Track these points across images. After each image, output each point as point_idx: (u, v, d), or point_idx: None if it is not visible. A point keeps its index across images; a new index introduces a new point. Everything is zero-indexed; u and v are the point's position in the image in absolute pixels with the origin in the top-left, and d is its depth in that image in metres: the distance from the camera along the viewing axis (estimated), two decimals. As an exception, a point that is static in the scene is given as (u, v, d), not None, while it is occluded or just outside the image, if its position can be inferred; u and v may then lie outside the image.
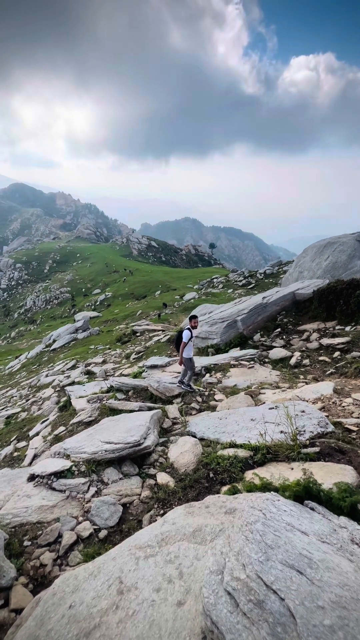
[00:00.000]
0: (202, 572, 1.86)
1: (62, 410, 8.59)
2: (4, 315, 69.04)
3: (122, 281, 60.28)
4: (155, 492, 3.59)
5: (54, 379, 13.98)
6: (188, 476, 3.63)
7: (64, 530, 3.12)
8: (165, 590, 1.86)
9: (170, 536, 2.25)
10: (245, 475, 3.39)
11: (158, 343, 15.40)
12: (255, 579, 1.66)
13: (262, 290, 22.83)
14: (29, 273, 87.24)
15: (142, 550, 2.21)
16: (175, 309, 29.41)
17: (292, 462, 3.35)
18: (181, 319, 20.88)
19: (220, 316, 12.62)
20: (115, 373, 12.15)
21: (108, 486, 3.79)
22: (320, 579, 1.64)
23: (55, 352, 24.93)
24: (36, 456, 6.53)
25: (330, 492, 2.49)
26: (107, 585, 2.00)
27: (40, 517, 3.28)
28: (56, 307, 63.50)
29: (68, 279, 74.74)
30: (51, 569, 2.76)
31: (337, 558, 1.80)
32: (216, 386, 7.43)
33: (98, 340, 23.92)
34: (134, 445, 4.17)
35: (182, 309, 27.68)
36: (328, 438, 3.68)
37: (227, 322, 11.77)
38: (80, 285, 69.26)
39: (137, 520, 3.28)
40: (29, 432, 8.36)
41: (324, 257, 17.55)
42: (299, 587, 1.60)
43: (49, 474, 3.91)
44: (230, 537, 2.01)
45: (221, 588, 1.68)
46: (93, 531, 3.13)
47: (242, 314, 11.88)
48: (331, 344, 8.99)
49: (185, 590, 1.82)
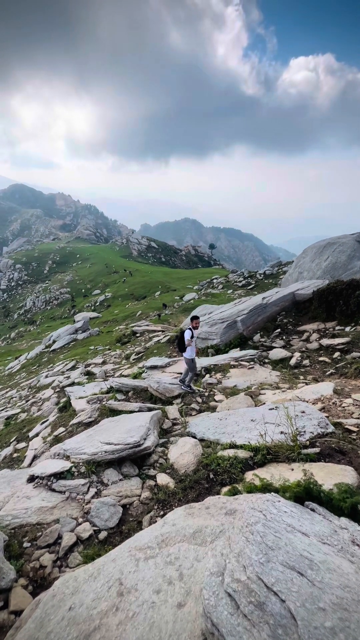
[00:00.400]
0: (203, 573, 1.85)
1: (62, 411, 8.57)
2: (3, 316, 69.00)
3: (122, 282, 60.28)
4: (155, 493, 3.58)
5: (54, 379, 13.96)
6: (188, 477, 3.62)
7: (64, 531, 3.11)
8: (165, 591, 1.85)
9: (171, 537, 2.24)
10: (246, 476, 3.38)
11: (158, 344, 15.38)
12: (256, 580, 1.65)
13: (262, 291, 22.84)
14: (29, 274, 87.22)
15: (142, 551, 2.20)
16: (175, 309, 29.41)
17: (292, 462, 3.34)
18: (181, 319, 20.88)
19: (220, 317, 12.62)
20: (115, 374, 12.14)
21: (108, 487, 3.78)
22: (321, 581, 1.63)
23: (55, 352, 24.90)
24: (36, 457, 6.52)
25: (330, 493, 2.48)
26: (107, 587, 1.99)
27: (40, 518, 3.27)
28: (56, 307, 63.46)
29: (68, 280, 74.73)
30: (51, 571, 2.74)
31: (338, 559, 1.80)
32: (216, 387, 7.43)
33: (98, 340, 23.90)
34: (133, 446, 4.16)
35: (181, 310, 27.67)
36: (328, 439, 3.68)
37: (227, 322, 11.76)
38: (80, 286, 69.26)
39: (137, 521, 3.27)
40: (29, 433, 8.35)
41: (323, 258, 17.56)
42: (300, 589, 1.59)
43: (49, 475, 3.89)
44: (231, 539, 2.00)
45: (222, 590, 1.67)
46: (93, 532, 3.12)
47: (242, 314, 11.88)
48: (331, 345, 8.99)
49: (185, 591, 1.81)
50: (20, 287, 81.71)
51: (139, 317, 30.17)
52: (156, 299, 40.61)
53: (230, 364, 8.93)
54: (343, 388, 5.87)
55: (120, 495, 3.62)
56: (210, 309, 16.14)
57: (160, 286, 48.64)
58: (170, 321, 22.96)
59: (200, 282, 43.87)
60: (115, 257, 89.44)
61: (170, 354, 13.01)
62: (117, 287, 58.08)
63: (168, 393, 6.97)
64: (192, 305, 26.85)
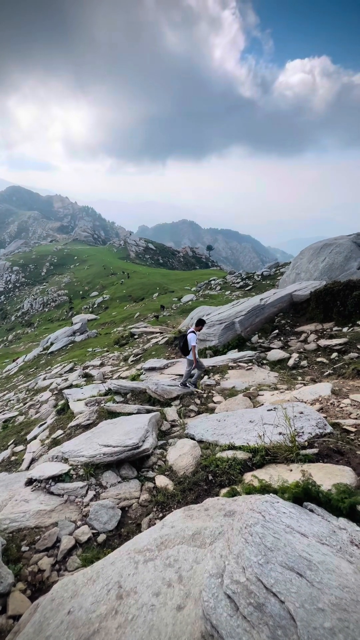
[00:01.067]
0: (202, 575, 1.85)
1: (60, 413, 8.55)
2: (1, 319, 68.72)
3: (120, 283, 60.24)
4: (154, 495, 3.57)
5: (52, 382, 13.91)
6: (187, 479, 3.61)
7: (62, 534, 3.10)
8: (164, 594, 1.84)
9: (170, 540, 2.24)
10: (244, 477, 3.38)
11: (156, 345, 15.38)
12: (255, 581, 1.66)
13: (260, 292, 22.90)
14: (26, 276, 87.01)
15: (141, 554, 2.20)
16: (173, 311, 29.42)
17: (291, 463, 3.35)
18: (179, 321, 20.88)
19: (218, 318, 12.64)
20: (114, 376, 12.11)
21: (106, 490, 3.76)
22: (320, 581, 1.64)
23: (53, 355, 24.83)
24: (34, 460, 6.49)
25: (329, 494, 2.49)
26: (106, 590, 1.99)
27: (38, 521, 3.26)
28: (53, 309, 63.28)
29: (65, 282, 74.60)
30: (49, 575, 2.73)
31: (336, 560, 1.80)
32: (214, 388, 7.43)
33: (96, 342, 23.87)
34: (132, 448, 4.15)
35: (179, 311, 27.69)
36: (326, 439, 3.69)
37: (225, 324, 11.79)
38: (78, 288, 69.13)
39: (136, 523, 3.26)
40: (27, 436, 8.31)
41: (320, 259, 17.64)
42: (299, 590, 1.59)
43: (47, 478, 3.88)
44: (230, 540, 2.00)
45: (221, 591, 1.67)
46: (92, 535, 3.11)
47: (239, 315, 11.90)
48: (329, 345, 9.02)
49: (184, 594, 1.81)
50: (17, 289, 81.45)
51: (137, 319, 30.15)
52: (154, 300, 40.62)
53: (229, 365, 8.94)
54: (341, 388, 5.90)
55: (119, 498, 3.61)
56: (208, 311, 16.16)
57: (158, 288, 48.67)
58: (169, 323, 22.97)
59: (198, 284, 43.94)
60: (113, 258, 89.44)
61: (169, 355, 13.00)
62: (115, 288, 58.05)
63: (166, 395, 6.96)
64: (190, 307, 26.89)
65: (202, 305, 20.14)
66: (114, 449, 4.14)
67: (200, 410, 6.37)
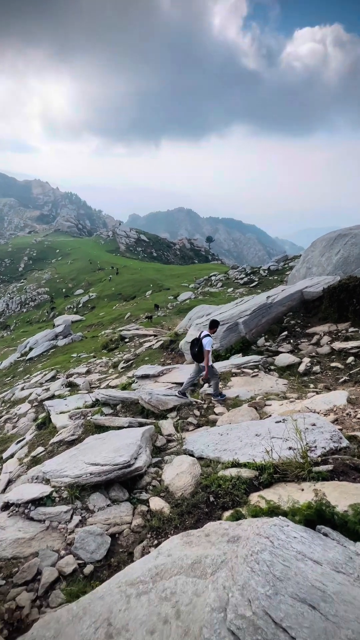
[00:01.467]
0: (202, 609, 1.85)
1: (41, 428, 8.52)
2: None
3: (108, 280, 60.21)
4: (148, 520, 3.57)
5: (31, 392, 13.87)
6: (185, 501, 3.62)
7: (44, 566, 3.08)
8: (160, 632, 1.84)
9: (166, 570, 2.24)
10: (250, 498, 3.39)
11: (150, 350, 15.38)
12: (263, 615, 1.66)
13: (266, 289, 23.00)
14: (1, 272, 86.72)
15: (134, 586, 2.19)
16: (168, 310, 29.45)
17: (302, 482, 3.37)
18: (175, 322, 20.91)
19: (220, 318, 12.67)
20: (102, 384, 12.10)
21: (94, 514, 3.76)
22: (335, 614, 1.64)
23: (32, 361, 24.76)
24: (11, 481, 6.48)
25: (345, 516, 2.50)
26: (94, 628, 1.98)
27: (16, 551, 3.24)
28: (33, 310, 63.06)
29: (46, 278, 74.44)
30: (29, 612, 2.72)
31: (354, 590, 1.81)
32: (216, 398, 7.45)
33: (81, 347, 23.83)
34: (123, 467, 4.15)
35: (176, 311, 27.73)
36: (342, 454, 3.71)
37: (227, 325, 11.81)
38: (61, 285, 69.00)
39: (128, 552, 3.26)
40: (3, 454, 8.27)
41: (334, 251, 17.74)
42: (312, 624, 1.60)
43: (26, 502, 3.86)
44: (234, 569, 2.01)
45: (224, 627, 1.68)
46: (77, 566, 3.10)
47: (244, 315, 11.94)
48: (344, 349, 9.08)
49: (183, 631, 1.81)
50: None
51: (128, 320, 30.15)
52: (147, 299, 40.66)
53: (232, 371, 8.97)
54: (358, 397, 5.93)
55: (109, 523, 3.61)
56: (209, 310, 16.20)
57: (151, 285, 48.73)
58: (164, 324, 22.98)
59: (196, 280, 44.05)
60: (100, 252, 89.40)
61: (164, 361, 13.01)
62: (103, 286, 58.02)
63: (162, 406, 6.97)
64: (187, 306, 26.92)
65: (202, 304, 20.18)
66: (103, 468, 4.13)
67: (200, 422, 6.38)
